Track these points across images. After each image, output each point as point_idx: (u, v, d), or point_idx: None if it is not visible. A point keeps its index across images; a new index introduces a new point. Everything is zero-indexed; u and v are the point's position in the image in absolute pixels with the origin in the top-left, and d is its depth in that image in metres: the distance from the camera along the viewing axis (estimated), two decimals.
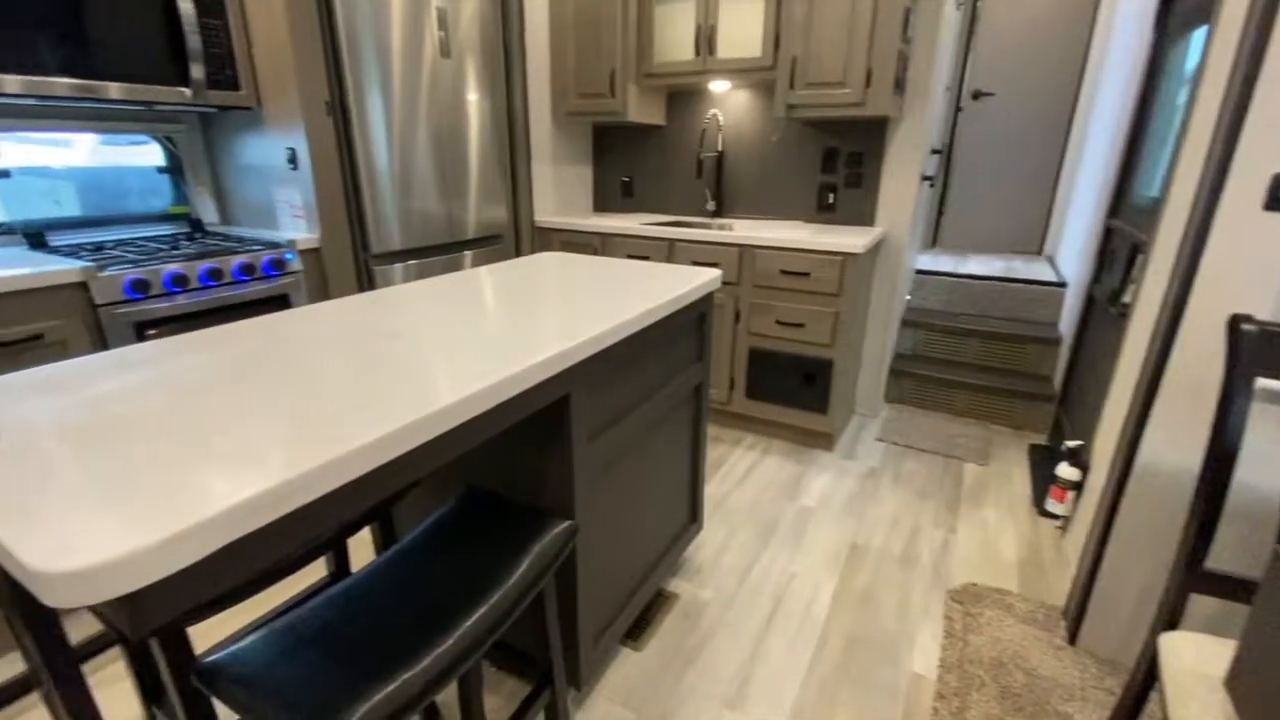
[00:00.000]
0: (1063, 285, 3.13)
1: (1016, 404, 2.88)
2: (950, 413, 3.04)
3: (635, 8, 2.77)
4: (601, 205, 3.54)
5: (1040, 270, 3.52)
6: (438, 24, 2.30)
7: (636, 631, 1.66)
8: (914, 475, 2.49)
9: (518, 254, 3.00)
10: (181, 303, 1.74)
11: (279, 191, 2.13)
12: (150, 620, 0.54)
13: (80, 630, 1.57)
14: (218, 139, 2.25)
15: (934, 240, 4.32)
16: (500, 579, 0.94)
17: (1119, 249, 2.14)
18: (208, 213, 2.32)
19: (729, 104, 3.01)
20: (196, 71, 1.84)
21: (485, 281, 1.51)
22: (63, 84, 1.63)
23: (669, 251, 2.71)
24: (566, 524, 1.06)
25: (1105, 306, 2.23)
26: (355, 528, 1.17)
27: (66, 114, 1.92)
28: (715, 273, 1.64)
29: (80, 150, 1.99)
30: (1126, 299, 1.94)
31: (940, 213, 4.26)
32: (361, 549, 1.93)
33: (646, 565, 1.61)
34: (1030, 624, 1.69)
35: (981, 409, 2.97)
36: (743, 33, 2.59)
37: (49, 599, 0.48)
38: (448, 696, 1.46)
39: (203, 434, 0.69)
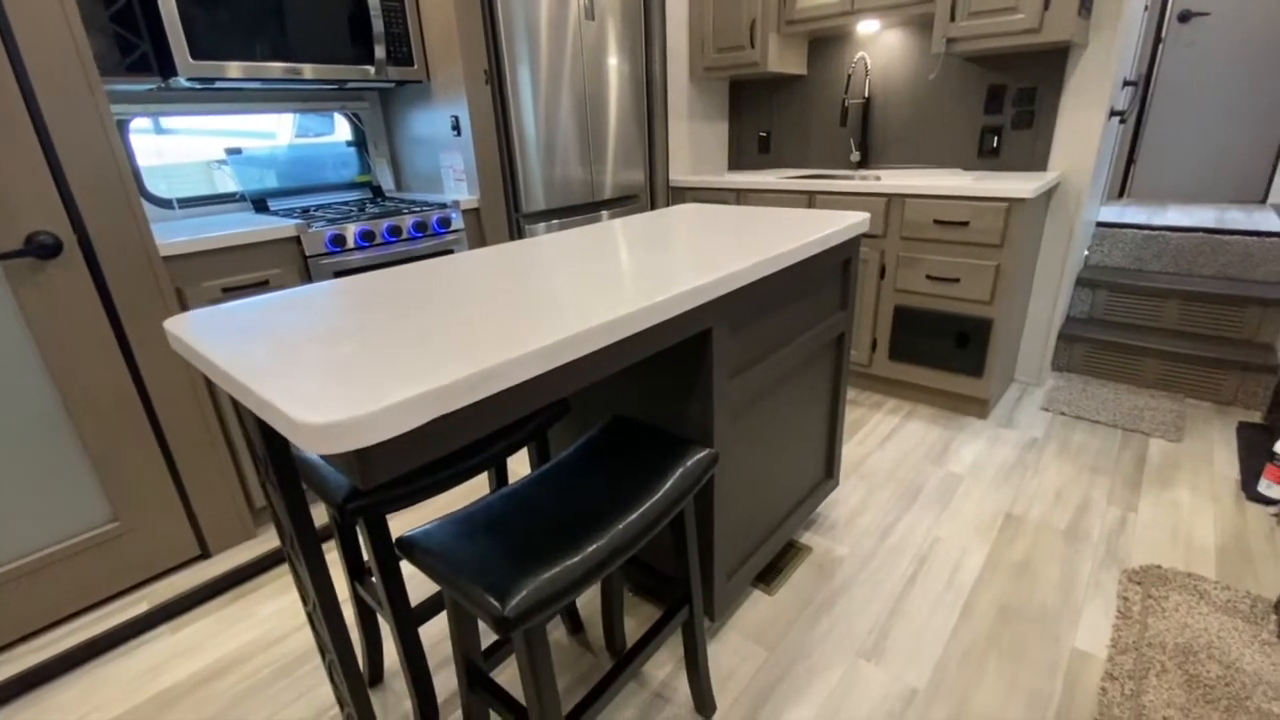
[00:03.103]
0: None
1: (1226, 375, 2.47)
2: (1134, 384, 2.68)
3: None
4: (737, 163, 3.49)
5: (1264, 220, 2.95)
6: None
7: (769, 575, 1.68)
8: (1085, 448, 2.24)
9: None
10: (370, 255, 1.99)
11: (444, 157, 2.34)
12: (378, 474, 0.65)
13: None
14: (393, 114, 2.51)
15: (1122, 190, 3.76)
16: (646, 493, 1.00)
17: None
18: (386, 180, 2.61)
19: (877, 46, 2.81)
20: (379, 51, 2.06)
21: (629, 230, 1.57)
22: (273, 68, 1.90)
23: (809, 204, 2.62)
24: (707, 451, 1.10)
25: None
26: (516, 446, 1.29)
27: (274, 96, 2.25)
28: (862, 215, 1.57)
29: (285, 133, 2.32)
30: None
31: (1131, 159, 3.69)
32: (520, 469, 2.12)
33: (780, 512, 1.61)
34: (1231, 614, 1.48)
35: (1176, 380, 2.58)
36: None
37: (308, 446, 0.60)
38: (593, 612, 1.58)
39: (414, 337, 0.81)
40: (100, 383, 1.54)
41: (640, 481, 1.03)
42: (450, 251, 2.20)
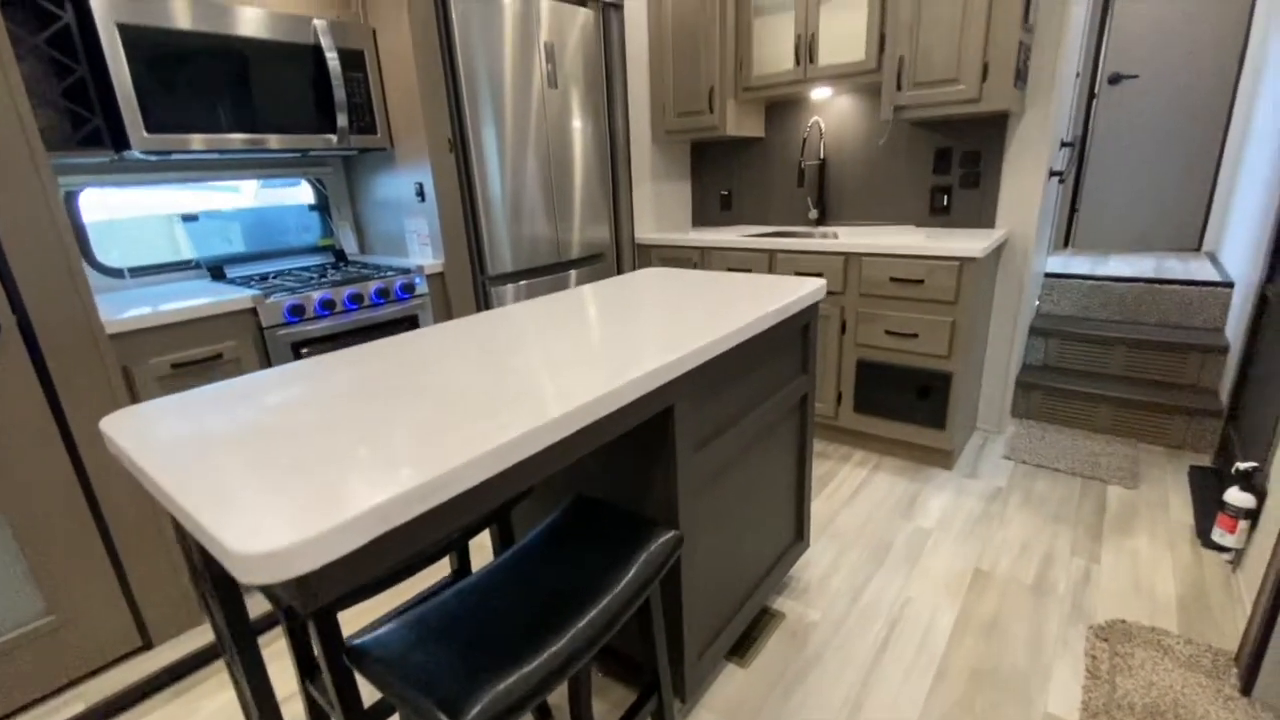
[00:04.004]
0: (1228, 285, 2.75)
1: (1174, 420, 2.56)
2: (1089, 429, 2.75)
3: (733, 23, 2.79)
4: (701, 219, 3.57)
5: (1200, 269, 3.12)
6: (545, 58, 2.45)
7: (742, 648, 1.64)
8: (1047, 497, 2.28)
9: (619, 271, 3.09)
10: (330, 324, 1.96)
11: (409, 222, 2.35)
12: (318, 598, 0.62)
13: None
14: (357, 178, 2.52)
15: (1067, 240, 3.95)
16: (608, 585, 0.97)
17: None
18: (349, 244, 2.60)
19: (831, 110, 2.94)
20: (342, 119, 2.08)
21: (590, 299, 1.58)
22: (235, 139, 1.90)
23: (770, 263, 2.68)
24: (671, 534, 1.08)
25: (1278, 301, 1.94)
26: (476, 529, 1.25)
27: (237, 164, 2.24)
28: (819, 282, 1.61)
29: (247, 194, 2.31)
30: None
31: (1074, 210, 3.89)
32: (480, 550, 2.05)
33: (751, 581, 1.59)
34: (1194, 670, 1.49)
35: (1129, 425, 2.66)
36: (845, 37, 2.53)
37: (243, 577, 0.57)
38: (559, 699, 1.52)
39: (355, 440, 0.79)
40: (37, 469, 1.46)
41: (604, 571, 1.01)
42: (414, 317, 2.18)
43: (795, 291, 1.52)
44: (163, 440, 0.82)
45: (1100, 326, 2.94)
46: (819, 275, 2.54)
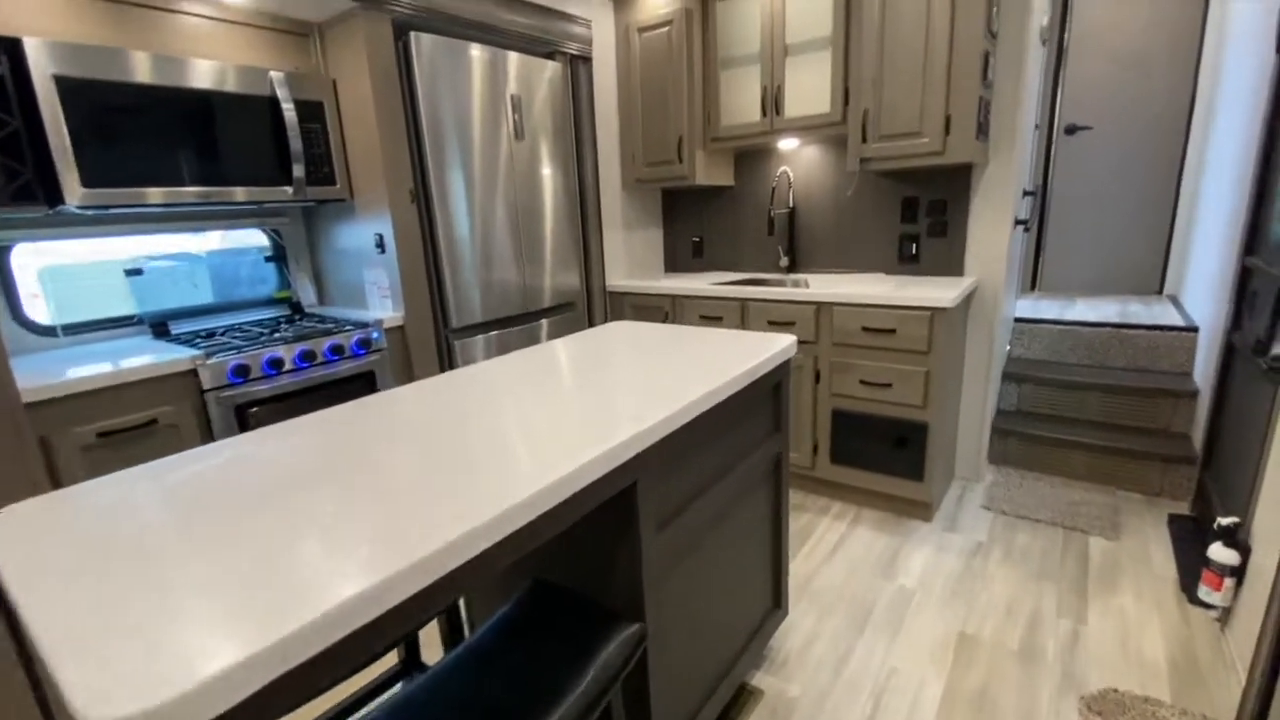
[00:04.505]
0: (1193, 330, 2.79)
1: (1150, 467, 2.54)
2: (1067, 476, 2.72)
3: (700, 75, 2.82)
4: (673, 266, 3.55)
5: (1163, 313, 3.16)
6: (512, 109, 2.43)
7: None
8: (1029, 551, 2.22)
9: (590, 320, 3.03)
10: (279, 384, 1.85)
11: (368, 273, 2.27)
12: None
13: None
14: (317, 227, 2.44)
15: (1034, 283, 4.01)
16: (566, 690, 0.87)
17: (1263, 291, 1.87)
18: (307, 295, 2.50)
19: (799, 160, 2.97)
20: (298, 171, 2.01)
21: (550, 359, 1.51)
22: (190, 192, 1.82)
23: (742, 312, 2.65)
24: (633, 629, 0.99)
25: (1250, 357, 1.94)
26: (424, 622, 1.14)
27: (191, 216, 2.15)
28: (789, 339, 1.56)
29: (197, 245, 2.21)
30: (1278, 351, 1.67)
31: (1039, 253, 3.97)
32: (431, 639, 1.91)
33: (727, 658, 1.48)
34: None
35: (1105, 472, 2.63)
36: (811, 90, 2.57)
37: None
38: None
39: (257, 557, 0.69)
40: None
41: (561, 672, 0.90)
42: (370, 374, 2.08)
43: (765, 350, 1.47)
44: (40, 552, 0.72)
45: (1071, 371, 2.94)
46: (791, 324, 2.50)
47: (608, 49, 2.97)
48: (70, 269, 1.93)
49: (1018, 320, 3.20)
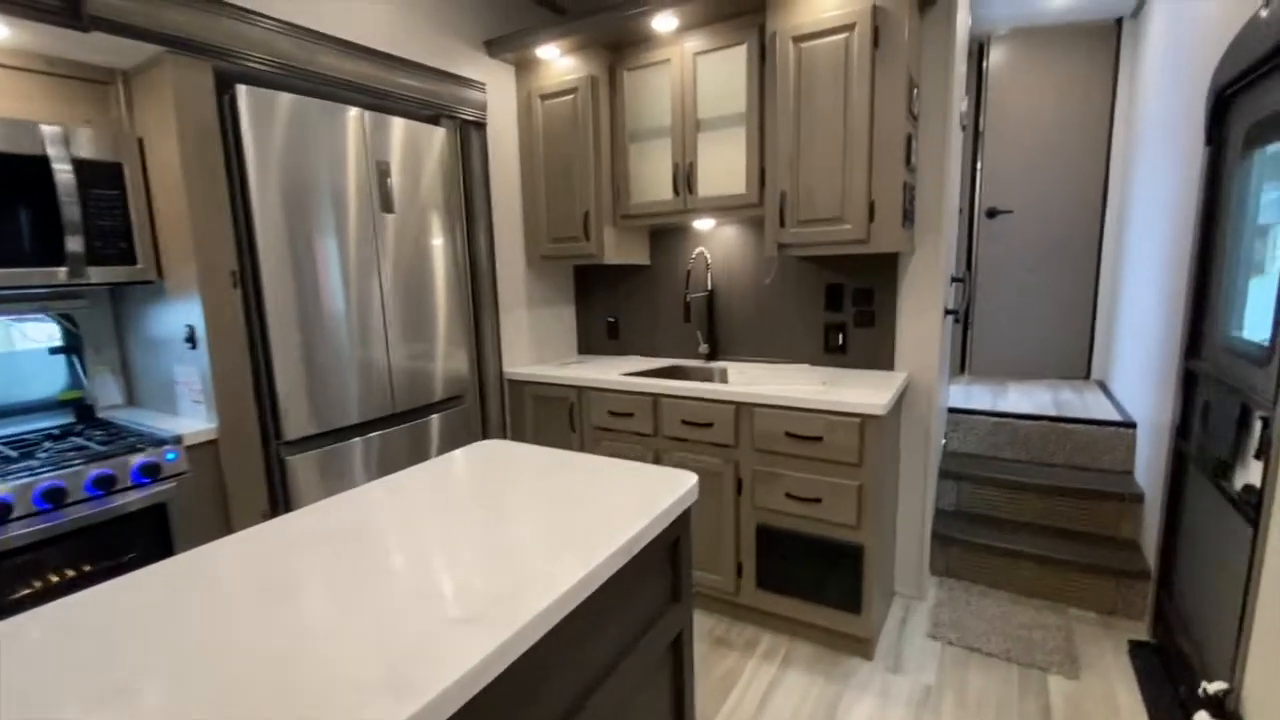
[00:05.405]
0: (1130, 425, 2.63)
1: (1102, 582, 2.30)
2: (1014, 591, 2.45)
3: (609, 148, 2.58)
4: (586, 348, 3.21)
5: (1096, 403, 3.03)
6: (380, 177, 2.08)
7: None
8: (984, 696, 1.88)
9: (484, 415, 2.63)
10: (11, 534, 1.35)
11: (179, 371, 1.81)
12: None
13: None
14: (125, 310, 1.97)
15: (963, 366, 3.89)
16: None
17: (1217, 405, 1.68)
18: (111, 394, 2.00)
19: (717, 240, 2.73)
20: (73, 245, 1.57)
21: (381, 507, 1.10)
22: None
23: (654, 408, 2.31)
24: None
25: (1207, 472, 1.73)
26: None
27: None
28: (690, 481, 1.21)
29: None
30: (1252, 480, 1.45)
31: (965, 336, 3.86)
32: None
33: None
34: None
35: (1054, 587, 2.37)
36: (725, 168, 2.34)
37: None
38: None
39: None
40: None
41: None
42: (162, 508, 1.59)
43: (663, 497, 1.11)
44: None
45: (1009, 468, 2.73)
46: (709, 425, 2.18)
47: (508, 115, 2.70)
48: None
49: (951, 410, 3.00)
